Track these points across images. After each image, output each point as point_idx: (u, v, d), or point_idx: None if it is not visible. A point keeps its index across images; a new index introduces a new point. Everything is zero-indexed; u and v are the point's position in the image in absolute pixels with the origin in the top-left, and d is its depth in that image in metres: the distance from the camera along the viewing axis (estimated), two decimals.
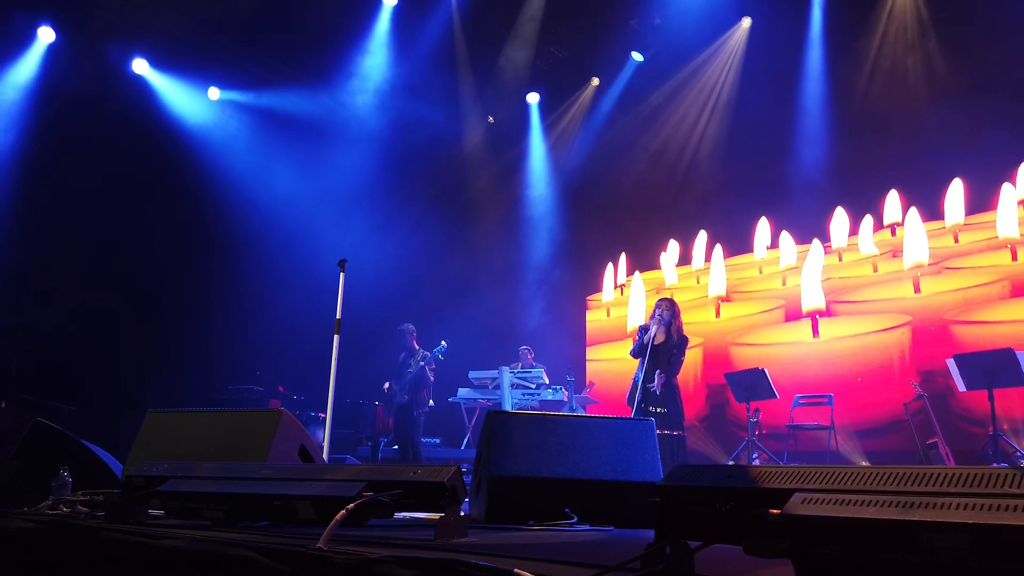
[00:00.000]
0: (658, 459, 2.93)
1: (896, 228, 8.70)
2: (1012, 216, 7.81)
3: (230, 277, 9.73)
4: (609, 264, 11.45)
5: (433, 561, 1.36)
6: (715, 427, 9.43)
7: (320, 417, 8.51)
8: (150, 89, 9.86)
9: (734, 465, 1.32)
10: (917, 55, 8.69)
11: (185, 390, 8.92)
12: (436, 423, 9.65)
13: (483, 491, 2.81)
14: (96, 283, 8.71)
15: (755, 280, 9.87)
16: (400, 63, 10.61)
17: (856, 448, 8.05)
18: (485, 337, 10.57)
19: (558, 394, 9.06)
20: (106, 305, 8.75)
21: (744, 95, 10.03)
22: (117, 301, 8.90)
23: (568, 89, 11.74)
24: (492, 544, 1.95)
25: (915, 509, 0.98)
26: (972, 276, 8.00)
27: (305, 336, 9.05)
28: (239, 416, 3.29)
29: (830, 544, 1.01)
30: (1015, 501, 0.95)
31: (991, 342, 7.12)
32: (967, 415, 7.44)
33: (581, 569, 1.27)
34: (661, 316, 6.42)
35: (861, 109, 8.98)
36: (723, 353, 9.74)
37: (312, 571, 1.53)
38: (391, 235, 10.51)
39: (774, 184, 9.39)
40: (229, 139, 10.31)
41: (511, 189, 12.10)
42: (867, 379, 8.37)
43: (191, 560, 1.78)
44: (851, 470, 1.15)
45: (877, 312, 8.58)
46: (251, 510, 2.17)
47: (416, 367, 8.36)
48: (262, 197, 9.91)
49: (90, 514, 2.46)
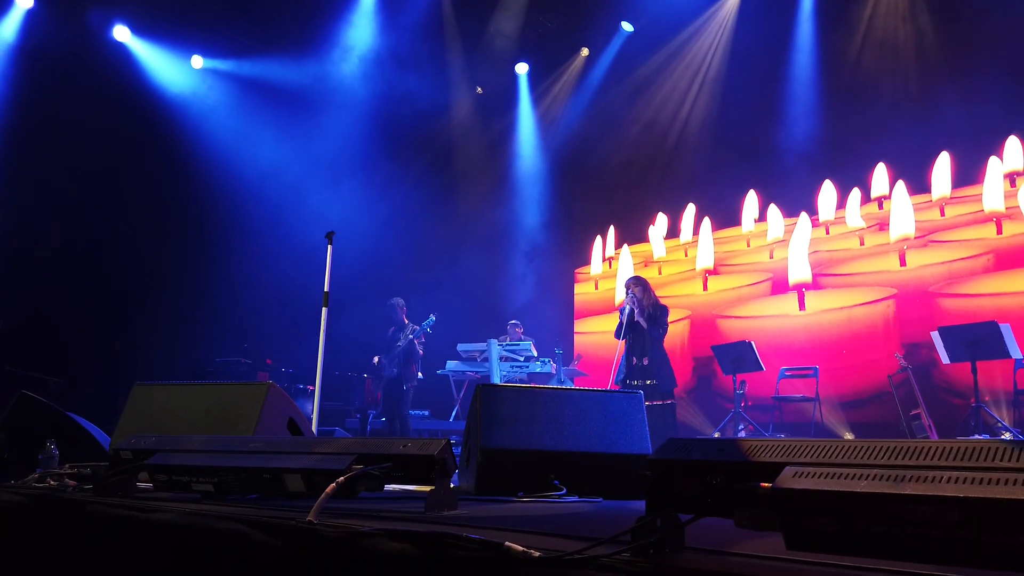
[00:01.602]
0: (646, 431, 2.94)
1: (883, 201, 8.72)
2: (998, 190, 7.85)
3: (216, 249, 9.65)
4: (598, 237, 11.44)
5: (423, 534, 1.36)
6: (701, 399, 9.51)
7: (309, 390, 8.51)
8: (131, 57, 9.67)
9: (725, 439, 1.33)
10: (908, 28, 8.65)
11: (172, 363, 8.88)
12: (425, 395, 9.67)
13: (472, 463, 2.82)
14: (80, 254, 8.62)
15: (743, 253, 9.90)
16: (387, 32, 10.45)
17: (840, 420, 8.16)
18: (474, 309, 10.58)
19: (546, 366, 9.09)
20: (91, 277, 8.66)
21: (734, 67, 9.97)
22: (102, 273, 8.81)
23: (557, 60, 11.62)
24: (482, 516, 1.96)
25: (906, 483, 0.99)
26: (957, 249, 8.05)
27: (293, 308, 9.02)
28: (227, 389, 3.27)
29: (821, 517, 1.02)
30: (1006, 475, 0.96)
31: (975, 315, 7.19)
32: (950, 387, 7.54)
33: (572, 541, 1.27)
34: (633, 296, 6.57)
35: (850, 82, 8.95)
36: (710, 325, 9.79)
37: (302, 544, 1.53)
38: (379, 207, 10.43)
39: (762, 157, 9.38)
40: (213, 108, 10.15)
41: (500, 161, 12.02)
42: (852, 351, 8.45)
43: (180, 533, 1.78)
44: (842, 443, 1.15)
45: (863, 285, 8.63)
46: (240, 483, 2.16)
47: (405, 341, 8.36)
48: (248, 168, 9.79)
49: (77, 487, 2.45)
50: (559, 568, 1.16)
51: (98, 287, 8.76)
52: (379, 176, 10.73)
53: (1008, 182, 7.81)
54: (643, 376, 6.36)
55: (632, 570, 1.11)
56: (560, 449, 2.80)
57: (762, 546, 1.22)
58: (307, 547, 1.52)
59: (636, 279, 6.79)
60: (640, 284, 6.69)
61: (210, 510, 1.85)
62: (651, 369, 6.39)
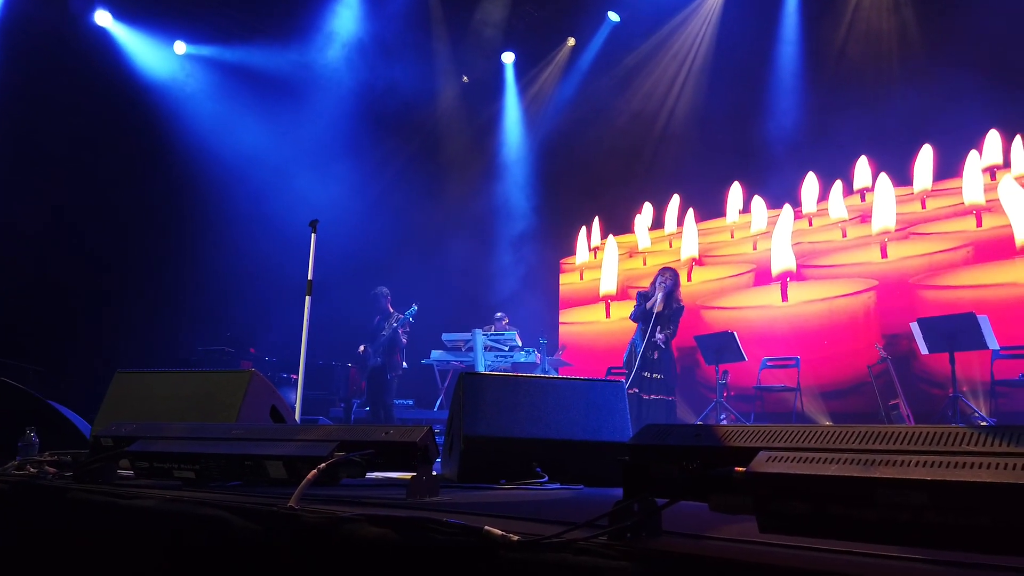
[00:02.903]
0: (628, 419, 2.97)
1: (866, 193, 8.80)
2: (978, 183, 7.93)
3: (200, 236, 9.58)
4: (583, 227, 11.47)
5: (404, 519, 1.37)
6: (685, 388, 9.55)
7: (292, 379, 8.49)
8: (113, 42, 9.56)
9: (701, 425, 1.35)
10: (892, 21, 8.70)
11: (154, 351, 8.82)
12: (409, 385, 9.68)
13: (455, 451, 2.84)
14: (61, 241, 8.53)
15: (727, 244, 9.95)
16: (372, 19, 10.39)
17: (821, 409, 8.25)
18: (458, 299, 10.58)
19: (531, 356, 9.12)
20: (72, 263, 8.58)
21: (719, 58, 10.00)
22: (83, 259, 8.73)
23: (544, 49, 11.60)
24: (463, 503, 1.98)
25: (876, 466, 1.01)
26: (938, 242, 8.14)
27: (277, 297, 8.98)
28: (209, 377, 3.26)
29: (793, 501, 1.04)
30: (971, 458, 0.98)
31: (954, 306, 7.28)
32: (928, 377, 7.64)
33: (550, 526, 1.29)
34: (664, 283, 6.63)
35: (834, 74, 9.00)
36: (694, 316, 9.83)
37: (283, 529, 1.54)
38: (363, 195, 10.40)
39: (747, 149, 9.43)
40: (196, 95, 10.06)
41: (485, 150, 12.00)
42: (833, 342, 8.54)
43: (161, 520, 1.78)
44: (814, 429, 1.17)
45: (845, 276, 8.71)
46: (222, 470, 2.16)
47: (390, 330, 8.35)
48: (231, 155, 9.72)
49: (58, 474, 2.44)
50: (537, 551, 1.17)
51: (79, 274, 8.68)
52: (364, 164, 10.69)
53: (988, 175, 7.90)
54: (654, 369, 6.49)
55: (608, 553, 1.12)
56: (542, 437, 2.82)
57: (737, 530, 1.24)
58: (288, 533, 1.53)
59: (674, 272, 6.87)
60: (675, 278, 6.77)
61: (191, 497, 1.85)
62: (661, 364, 6.54)
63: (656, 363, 6.53)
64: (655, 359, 6.55)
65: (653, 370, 6.48)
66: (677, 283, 6.79)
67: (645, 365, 6.55)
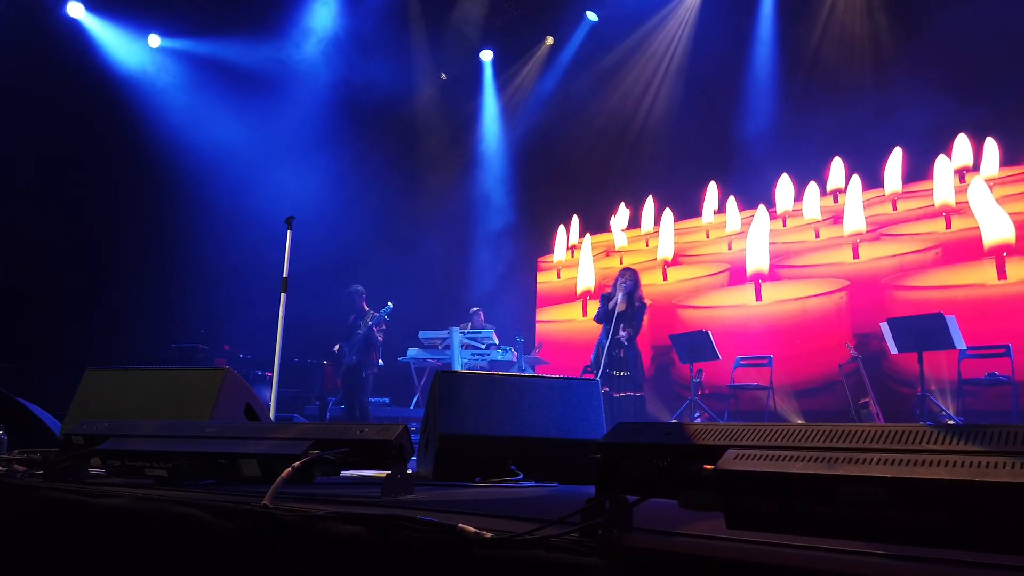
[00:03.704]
0: (602, 418, 2.99)
1: (838, 195, 8.92)
2: (947, 186, 8.08)
3: (174, 232, 9.47)
4: (561, 226, 11.50)
5: (377, 517, 1.38)
6: (660, 387, 9.65)
7: (267, 376, 8.43)
8: (86, 34, 9.41)
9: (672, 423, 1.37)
10: (865, 24, 8.83)
11: (126, 349, 8.71)
12: (386, 383, 9.65)
13: (431, 449, 2.84)
14: (31, 236, 8.38)
15: (702, 244, 10.04)
16: (350, 14, 10.33)
17: (793, 407, 8.36)
18: (435, 297, 10.57)
19: (507, 354, 9.14)
20: (42, 259, 8.44)
21: (696, 60, 10.08)
22: (54, 255, 8.59)
23: (522, 48, 11.61)
24: (437, 500, 1.99)
25: (839, 464, 1.04)
26: (908, 243, 8.28)
27: (252, 294, 8.90)
28: (182, 374, 3.23)
29: (759, 497, 1.06)
30: (931, 456, 1.01)
31: (923, 307, 7.42)
32: (898, 376, 7.77)
33: (523, 523, 1.31)
34: (624, 284, 6.82)
35: (809, 77, 9.11)
36: (670, 315, 9.93)
37: (257, 528, 1.54)
38: (340, 192, 10.34)
39: (723, 150, 9.51)
40: (170, 89, 9.94)
41: (463, 148, 11.99)
42: (805, 341, 8.65)
43: (133, 519, 1.77)
44: (781, 427, 1.20)
45: (817, 277, 8.83)
46: (195, 468, 2.15)
47: (365, 328, 8.33)
48: (205, 150, 9.61)
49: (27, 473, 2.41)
50: (510, 548, 1.19)
51: (49, 269, 8.55)
52: (341, 161, 10.63)
53: (957, 178, 8.05)
54: (620, 367, 6.65)
55: (580, 550, 1.14)
56: (518, 435, 2.83)
57: (705, 526, 1.27)
58: (262, 531, 1.53)
59: (633, 271, 7.09)
60: (635, 277, 6.97)
61: (164, 495, 1.84)
62: (627, 361, 6.69)
63: (622, 361, 6.71)
64: (621, 357, 6.72)
65: (620, 368, 6.67)
66: (637, 283, 6.99)
67: (612, 363, 6.73)
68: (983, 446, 1.02)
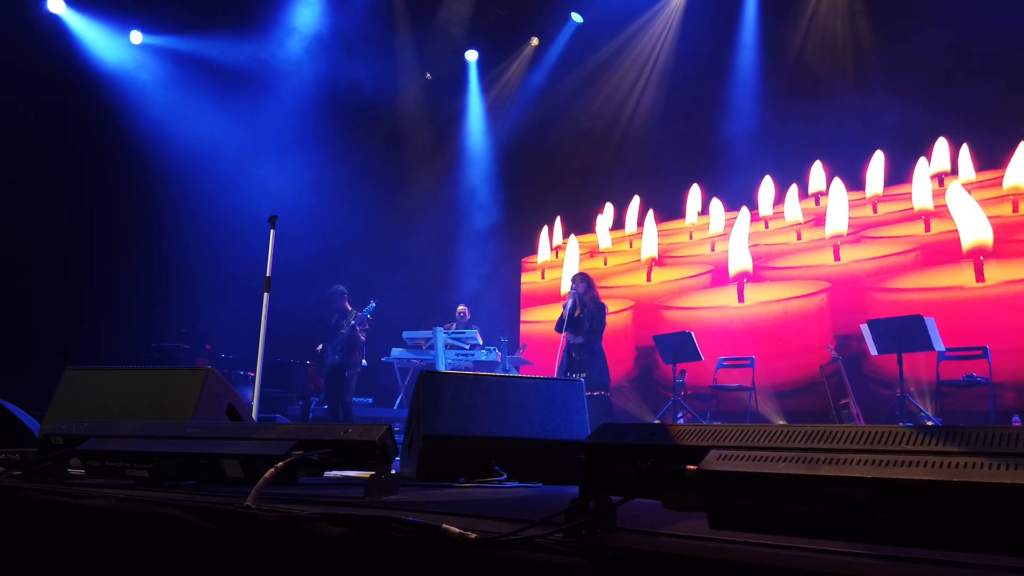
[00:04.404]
0: (586, 418, 3.01)
1: (820, 197, 9.00)
2: (926, 189, 8.18)
3: (155, 230, 9.39)
4: (545, 226, 11.52)
5: (361, 518, 1.38)
6: (643, 387, 9.70)
7: (249, 376, 8.38)
8: (67, 30, 9.30)
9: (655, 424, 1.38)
10: (847, 29, 8.92)
11: (107, 348, 8.61)
12: (369, 383, 9.61)
13: (415, 450, 2.84)
14: (10, 234, 8.28)
15: (685, 245, 10.10)
16: (334, 13, 10.28)
17: (775, 408, 8.42)
18: (419, 297, 10.55)
19: (492, 355, 9.14)
20: (22, 257, 8.34)
21: (680, 62, 10.13)
22: (33, 253, 8.49)
23: (507, 48, 11.62)
24: (421, 501, 1.98)
25: (820, 464, 1.05)
26: (888, 245, 8.37)
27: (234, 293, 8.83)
28: (163, 374, 3.20)
29: (741, 497, 1.07)
30: (910, 457, 1.03)
31: (903, 309, 7.50)
32: (877, 377, 7.85)
33: (507, 523, 1.31)
34: (576, 290, 7.02)
35: (791, 80, 9.19)
36: (653, 316, 9.97)
37: (239, 529, 1.53)
38: (323, 191, 10.29)
39: (706, 152, 9.57)
40: (152, 86, 9.84)
41: (448, 148, 11.98)
42: (787, 342, 8.72)
43: (114, 519, 1.75)
44: (764, 428, 1.21)
45: (799, 279, 8.91)
46: (177, 469, 2.13)
47: (347, 328, 8.30)
48: (188, 148, 9.53)
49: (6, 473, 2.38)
50: (494, 549, 1.19)
51: (29, 268, 8.44)
52: (324, 160, 10.58)
53: (936, 182, 8.15)
54: (579, 369, 6.84)
55: (564, 550, 1.14)
56: (502, 435, 2.84)
57: (688, 526, 1.28)
58: (245, 532, 1.52)
59: (582, 275, 7.24)
60: (585, 281, 7.13)
61: (145, 496, 1.82)
62: (585, 362, 6.84)
63: (581, 363, 6.93)
64: (580, 359, 6.94)
65: (580, 370, 6.87)
66: (590, 285, 7.17)
67: (571, 366, 6.97)
68: (961, 447, 1.04)
